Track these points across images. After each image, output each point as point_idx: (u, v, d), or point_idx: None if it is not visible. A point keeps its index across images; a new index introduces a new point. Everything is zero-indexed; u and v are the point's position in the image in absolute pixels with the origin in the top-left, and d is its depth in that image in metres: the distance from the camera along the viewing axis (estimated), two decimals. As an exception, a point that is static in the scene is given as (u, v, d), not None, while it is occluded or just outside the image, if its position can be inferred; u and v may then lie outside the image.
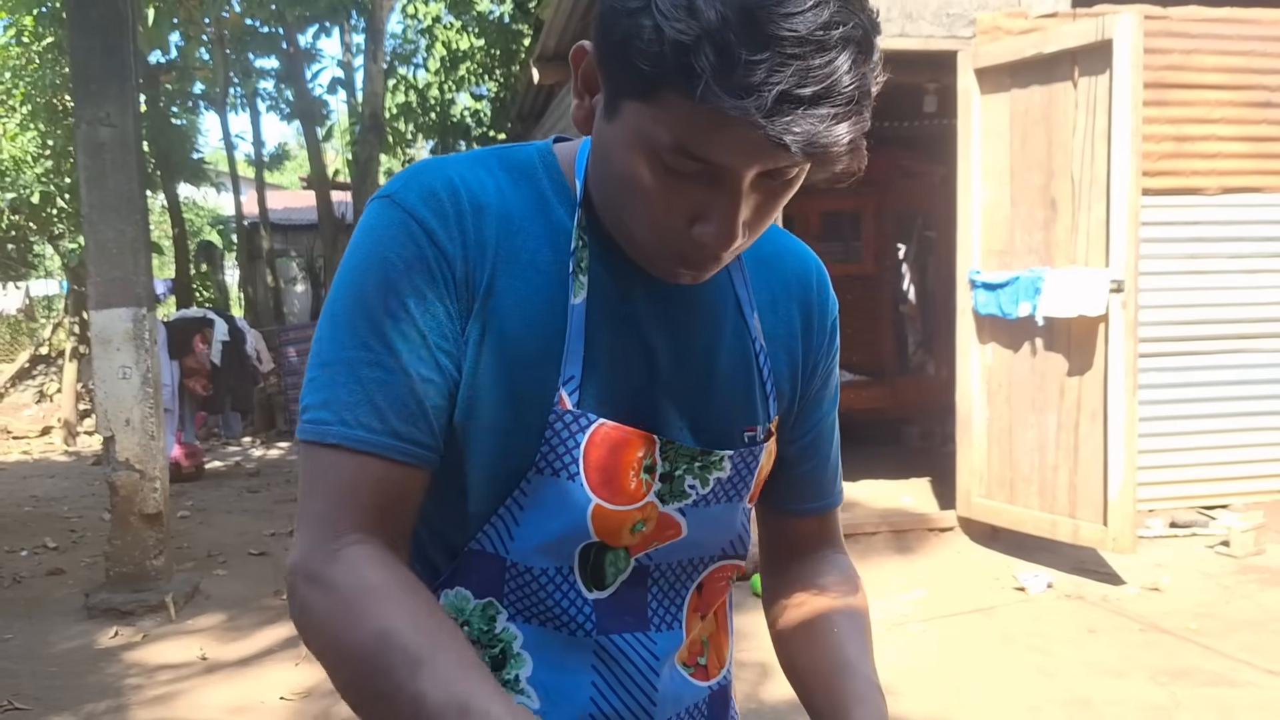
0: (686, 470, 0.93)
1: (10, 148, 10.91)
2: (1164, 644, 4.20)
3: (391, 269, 0.85)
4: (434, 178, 0.88)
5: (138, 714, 3.72)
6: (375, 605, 0.80)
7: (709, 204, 0.80)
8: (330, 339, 0.86)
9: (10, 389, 14.44)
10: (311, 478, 0.85)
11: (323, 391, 0.85)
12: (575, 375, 0.88)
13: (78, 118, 4.92)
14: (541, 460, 0.88)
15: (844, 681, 0.97)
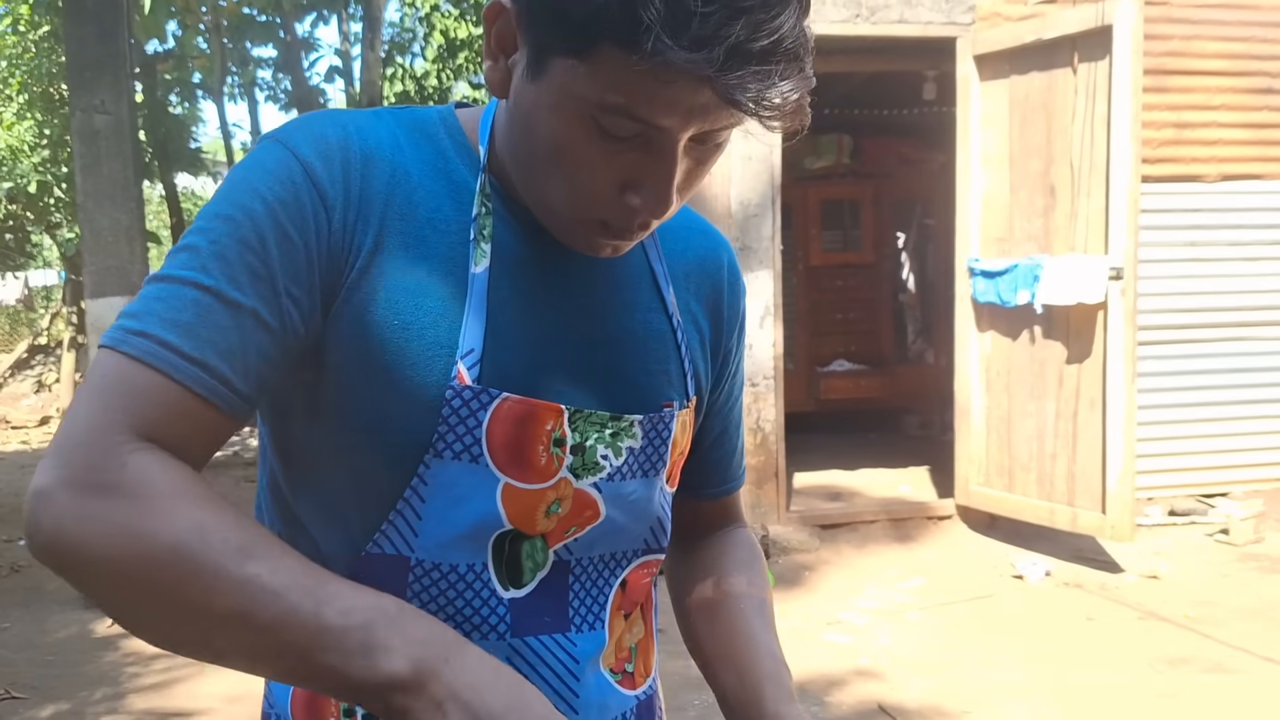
0: (598, 439, 0.87)
1: (7, 137, 10.88)
2: (1162, 632, 4.20)
3: (258, 201, 0.77)
4: (327, 124, 0.82)
5: (134, 702, 3.72)
6: (186, 504, 0.70)
7: (643, 169, 0.76)
8: (172, 257, 0.77)
9: (9, 379, 14.44)
10: (97, 387, 0.73)
11: (142, 303, 0.75)
12: (475, 348, 0.82)
13: (72, 105, 4.90)
14: (440, 441, 0.81)
15: (752, 659, 0.95)
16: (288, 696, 0.90)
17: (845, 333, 8.72)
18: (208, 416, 0.75)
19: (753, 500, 5.53)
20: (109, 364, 0.73)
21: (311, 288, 0.79)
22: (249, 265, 0.76)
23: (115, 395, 0.72)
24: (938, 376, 8.19)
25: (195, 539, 0.68)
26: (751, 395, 5.52)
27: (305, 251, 0.78)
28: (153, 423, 0.72)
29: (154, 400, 0.73)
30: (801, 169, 8.39)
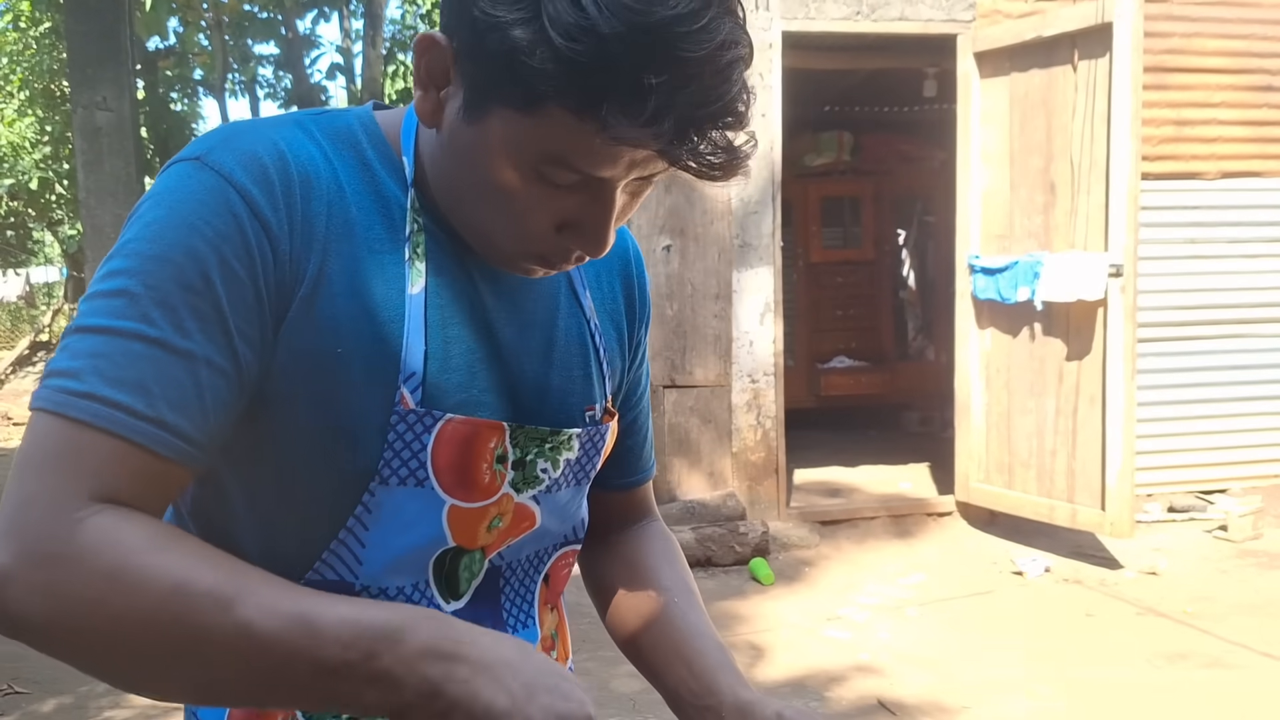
0: (538, 454, 0.88)
1: (8, 133, 10.90)
2: (1161, 627, 4.21)
3: (198, 237, 0.72)
4: (255, 141, 0.77)
5: (137, 698, 3.73)
6: (156, 561, 0.66)
7: (581, 212, 0.77)
8: (103, 304, 0.71)
9: (11, 375, 14.46)
10: (43, 456, 0.68)
11: (81, 360, 0.70)
12: (417, 372, 0.80)
13: (74, 102, 4.92)
14: (385, 468, 0.80)
15: (699, 650, 0.96)
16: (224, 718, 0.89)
17: (846, 329, 8.73)
18: (169, 474, 0.72)
19: (752, 496, 5.55)
20: (51, 429, 0.69)
21: (263, 323, 0.75)
22: (196, 309, 0.71)
23: (65, 462, 0.68)
24: (938, 373, 8.20)
25: (176, 597, 0.66)
26: (752, 391, 5.53)
27: (253, 286, 0.74)
28: (108, 486, 0.68)
29: (109, 465, 0.69)
30: (802, 166, 8.40)
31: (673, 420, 5.47)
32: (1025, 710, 3.46)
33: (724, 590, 4.79)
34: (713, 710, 0.92)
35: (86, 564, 0.66)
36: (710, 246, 5.44)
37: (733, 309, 5.48)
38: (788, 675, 3.79)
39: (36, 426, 0.70)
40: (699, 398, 5.49)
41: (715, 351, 5.49)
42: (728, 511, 5.38)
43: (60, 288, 15.41)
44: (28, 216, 12.30)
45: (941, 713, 3.46)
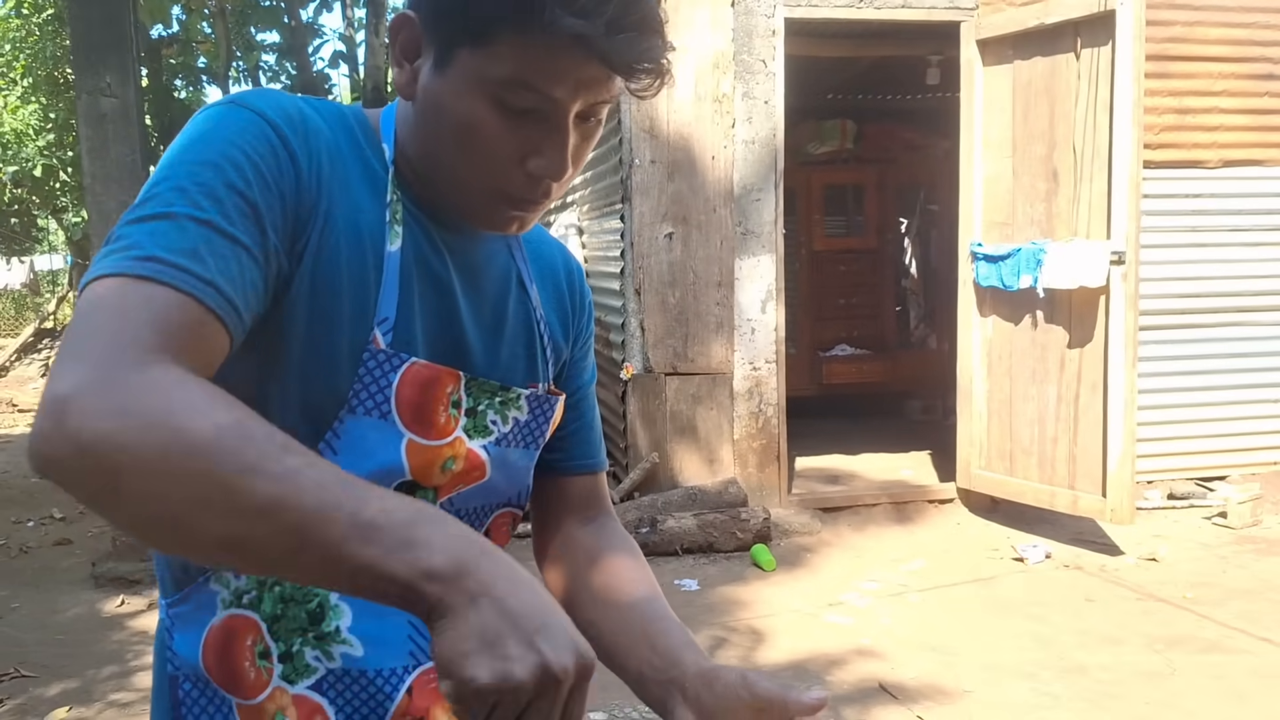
0: (489, 406, 0.98)
1: (12, 121, 10.90)
2: (1160, 612, 4.24)
3: (236, 150, 0.82)
4: (277, 96, 0.89)
5: (141, 680, 3.76)
6: (221, 403, 0.70)
7: (540, 138, 0.88)
8: (152, 202, 0.79)
9: (16, 363, 14.49)
10: (110, 307, 0.72)
11: (139, 236, 0.76)
12: (389, 317, 0.91)
13: (78, 88, 4.92)
14: (354, 398, 0.89)
15: (663, 630, 0.99)
16: (197, 651, 0.94)
17: (848, 317, 8.73)
18: (220, 337, 0.77)
19: (754, 483, 5.57)
20: (116, 285, 0.73)
21: (288, 233, 0.85)
22: (237, 205, 0.80)
23: (131, 310, 0.72)
24: (940, 361, 8.21)
25: (235, 430, 0.68)
26: (754, 379, 5.55)
27: (281, 200, 0.84)
28: (172, 336, 0.72)
29: (173, 315, 0.73)
30: (805, 154, 8.40)
31: (675, 407, 5.49)
32: (1026, 694, 3.49)
33: (725, 576, 4.81)
34: (675, 681, 0.94)
35: (155, 393, 0.68)
36: (712, 234, 5.45)
37: (735, 296, 5.49)
38: (789, 659, 3.82)
39: (97, 289, 0.73)
40: (701, 385, 5.51)
41: (717, 339, 5.51)
42: (729, 498, 5.40)
43: (65, 275, 15.42)
44: (32, 204, 12.31)
45: (942, 696, 3.48)
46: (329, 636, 0.93)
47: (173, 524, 0.69)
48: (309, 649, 0.94)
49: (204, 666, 0.94)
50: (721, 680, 0.91)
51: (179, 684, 0.95)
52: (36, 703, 3.57)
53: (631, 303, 5.47)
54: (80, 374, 0.68)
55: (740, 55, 5.41)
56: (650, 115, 5.36)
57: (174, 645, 0.96)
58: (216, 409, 0.69)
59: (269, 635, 0.93)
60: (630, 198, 5.42)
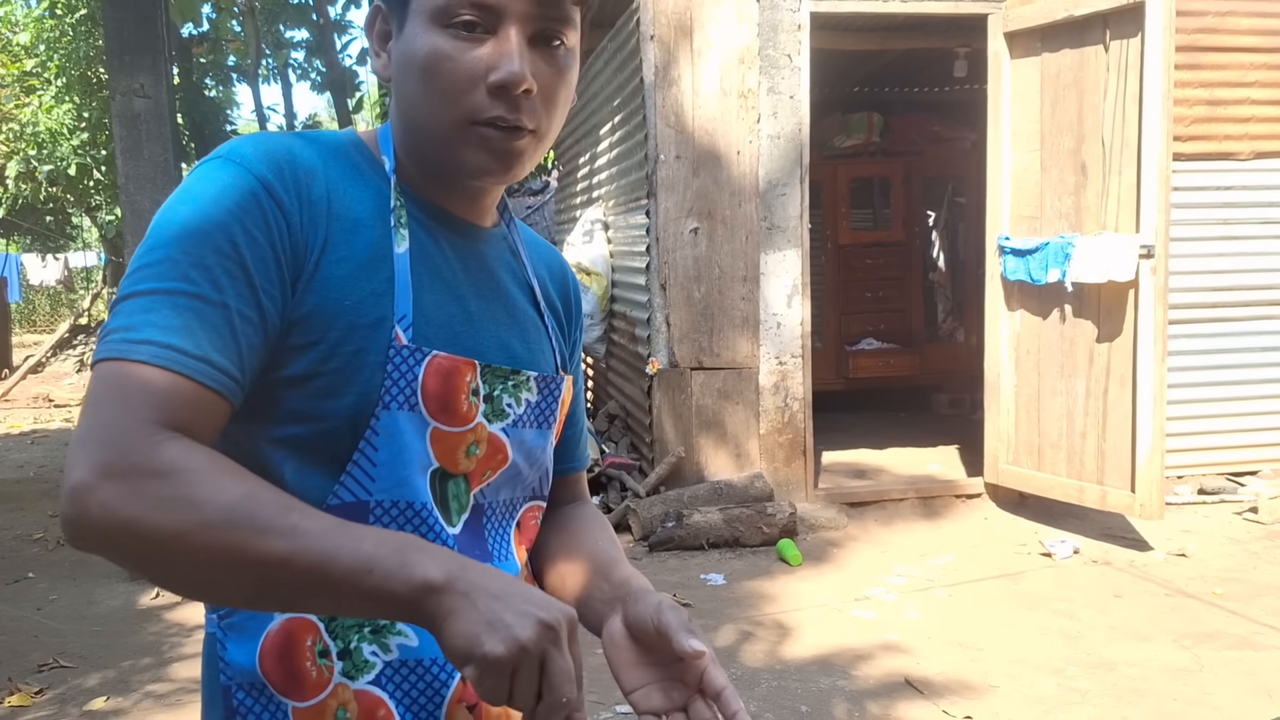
0: (503, 390, 1.04)
1: (46, 120, 11.03)
2: (1189, 608, 4.21)
3: (223, 211, 0.88)
4: (267, 143, 0.94)
5: (177, 671, 3.83)
6: (228, 475, 0.80)
7: (495, 51, 0.93)
8: (145, 272, 0.85)
9: (51, 358, 14.71)
10: (111, 392, 0.81)
11: (133, 316, 0.83)
12: (407, 314, 0.96)
13: (112, 89, 4.99)
14: (386, 395, 0.95)
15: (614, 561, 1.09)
16: (254, 658, 0.97)
17: (875, 311, 8.70)
18: (217, 406, 0.85)
19: (780, 477, 5.57)
20: (117, 371, 0.81)
21: (282, 282, 0.90)
22: (226, 269, 0.86)
23: (133, 395, 0.80)
24: (968, 355, 8.17)
25: (245, 500, 0.78)
26: (779, 373, 5.55)
27: (273, 252, 0.89)
28: (170, 415, 0.81)
29: (169, 396, 0.81)
30: (831, 147, 8.38)
31: (700, 401, 5.51)
32: (1053, 690, 3.48)
33: (752, 570, 4.83)
34: (619, 599, 1.01)
35: (166, 475, 0.78)
36: (738, 229, 5.46)
37: (760, 291, 5.50)
38: (814, 654, 3.83)
39: (102, 373, 0.82)
40: (726, 379, 5.52)
41: (743, 333, 5.52)
42: (755, 492, 5.41)
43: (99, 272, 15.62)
44: (66, 202, 12.46)
45: (969, 691, 3.49)
46: (385, 629, 0.98)
47: (203, 585, 0.83)
48: (366, 644, 0.97)
49: (262, 672, 0.97)
50: (644, 602, 0.97)
51: (233, 694, 0.98)
52: (75, 693, 3.64)
53: (657, 297, 5.49)
54: (93, 462, 0.77)
55: (765, 50, 5.41)
56: (675, 111, 5.37)
57: (227, 656, 0.98)
58: (225, 482, 0.79)
59: (327, 634, 0.97)
60: (656, 193, 5.43)
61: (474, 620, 0.78)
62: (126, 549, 0.78)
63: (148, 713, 3.49)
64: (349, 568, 0.79)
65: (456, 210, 1.04)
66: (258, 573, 0.79)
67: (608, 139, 6.54)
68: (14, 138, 11.23)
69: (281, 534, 0.78)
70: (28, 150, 11.00)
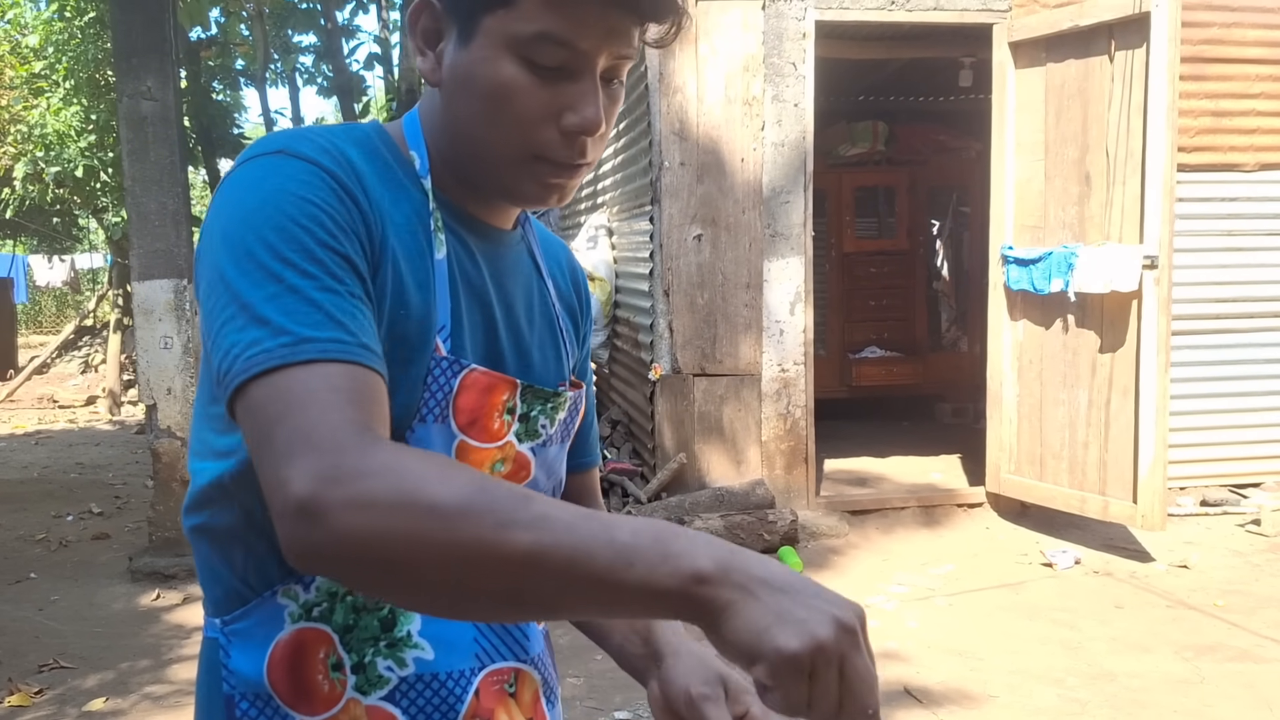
0: (540, 411, 1.00)
1: (54, 122, 11.06)
2: (1191, 620, 4.20)
3: (312, 206, 0.83)
4: (318, 137, 0.89)
5: (176, 673, 3.84)
6: (450, 470, 0.73)
7: (574, 94, 0.89)
8: (255, 276, 0.79)
9: (57, 359, 14.74)
10: (298, 400, 0.74)
11: (270, 322, 0.77)
12: (446, 324, 0.93)
13: (119, 91, 5.01)
14: (423, 406, 0.91)
15: None
16: (261, 668, 0.92)
17: (878, 319, 8.70)
18: (383, 388, 0.80)
19: (782, 485, 5.57)
20: (289, 379, 0.75)
21: (370, 276, 0.87)
22: (337, 261, 0.82)
23: (320, 395, 0.74)
24: (971, 364, 8.17)
25: (479, 494, 0.70)
26: (782, 380, 5.55)
27: (359, 245, 0.86)
28: (363, 406, 0.76)
29: (352, 387, 0.76)
30: (836, 156, 8.39)
31: (703, 408, 5.51)
32: (1053, 700, 3.48)
33: (753, 577, 4.82)
34: (652, 659, 1.02)
35: (388, 476, 0.71)
36: (741, 236, 5.46)
37: (763, 298, 5.50)
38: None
39: (274, 385, 0.75)
40: (729, 386, 5.52)
41: (746, 340, 5.52)
42: (757, 499, 5.41)
43: (105, 274, 15.66)
44: (73, 203, 12.50)
45: (968, 701, 3.48)
46: (400, 642, 0.94)
47: (451, 593, 0.72)
48: (381, 659, 0.94)
49: (269, 683, 0.92)
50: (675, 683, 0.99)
51: (236, 703, 0.93)
52: (75, 693, 3.65)
53: (660, 304, 5.50)
54: (310, 471, 0.71)
55: (770, 58, 5.42)
56: (680, 118, 5.38)
57: (231, 663, 0.94)
58: (450, 476, 0.72)
59: (341, 646, 0.93)
60: (660, 199, 5.44)
61: (760, 614, 0.68)
62: (368, 564, 0.71)
63: (146, 714, 3.49)
64: (608, 562, 0.69)
65: (483, 215, 1.01)
66: (507, 573, 0.70)
67: (612, 145, 6.55)
68: (22, 139, 11.26)
69: (527, 526, 0.69)
70: (35, 152, 11.02)
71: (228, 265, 0.81)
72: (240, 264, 0.80)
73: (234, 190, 0.85)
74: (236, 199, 0.84)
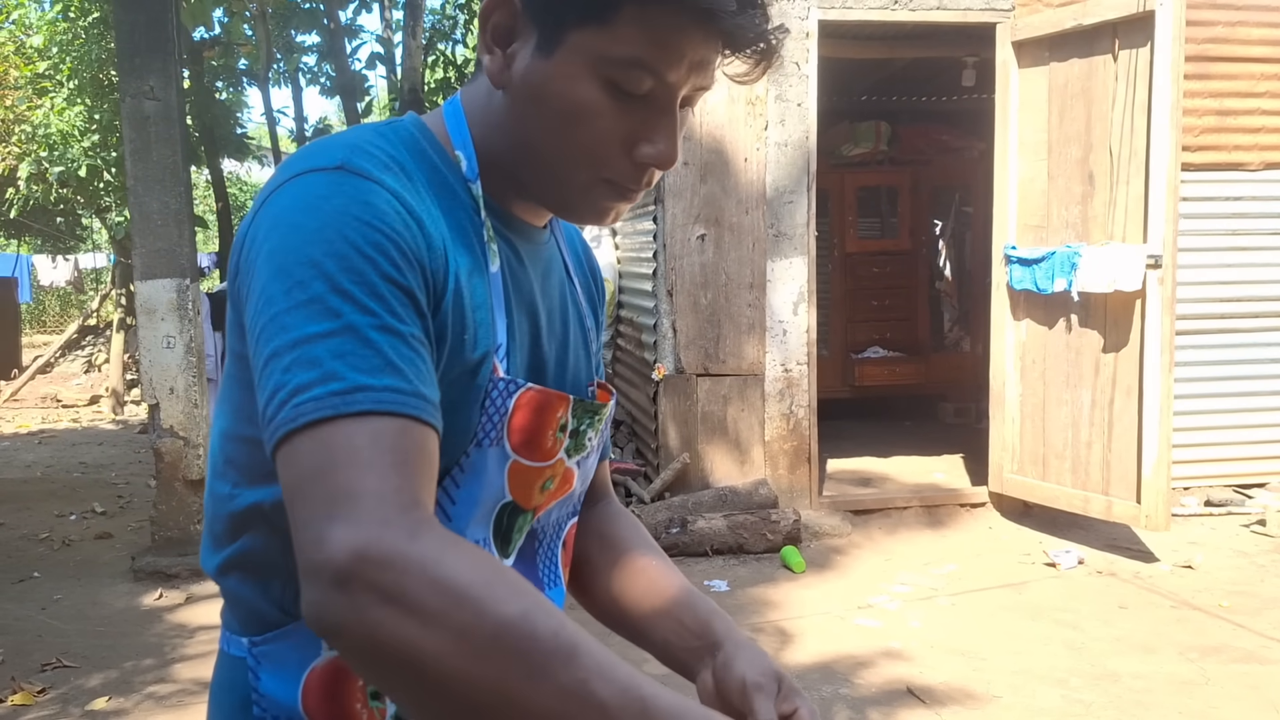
0: (588, 425, 0.97)
1: (58, 122, 11.07)
2: (1195, 621, 4.19)
3: (377, 233, 0.77)
4: (374, 149, 0.83)
5: (180, 672, 3.83)
6: (500, 586, 0.68)
7: (653, 124, 0.85)
8: (311, 309, 0.74)
9: (60, 359, 14.76)
10: (344, 454, 0.69)
11: (325, 365, 0.72)
12: (503, 343, 0.88)
13: (122, 91, 5.01)
14: (480, 430, 0.87)
15: (689, 604, 1.03)
16: (295, 693, 0.89)
17: (881, 319, 8.69)
18: (434, 441, 0.75)
19: (785, 484, 5.57)
20: (338, 430, 0.70)
21: (432, 306, 0.82)
22: (398, 297, 0.77)
23: (368, 452, 0.70)
24: (974, 364, 8.16)
25: (522, 627, 0.66)
26: (785, 380, 5.55)
27: (423, 274, 0.80)
28: (413, 469, 0.71)
29: (404, 444, 0.71)
30: (839, 155, 8.38)
31: (706, 408, 5.50)
32: (1056, 701, 3.47)
33: (755, 577, 4.82)
34: (707, 649, 0.99)
35: (429, 573, 0.66)
36: (745, 236, 5.46)
37: (766, 298, 5.50)
38: (817, 661, 3.81)
39: (321, 438, 0.70)
40: (732, 386, 5.52)
41: (749, 340, 5.51)
42: (760, 499, 5.40)
43: (108, 273, 15.67)
44: (77, 203, 12.51)
45: (971, 701, 3.47)
46: None
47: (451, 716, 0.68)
48: None
49: (304, 710, 0.88)
50: (732, 675, 0.96)
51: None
52: (77, 693, 3.65)
53: (664, 304, 5.49)
54: (350, 540, 0.66)
55: (774, 57, 5.41)
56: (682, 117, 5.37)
57: (261, 687, 0.90)
58: (500, 595, 0.67)
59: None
60: (663, 199, 5.44)
61: None
62: (379, 659, 0.66)
63: (149, 713, 3.49)
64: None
65: (524, 214, 0.95)
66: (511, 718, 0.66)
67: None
68: (26, 139, 11.28)
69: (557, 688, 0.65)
70: (40, 152, 11.04)
71: (279, 293, 0.75)
72: (292, 293, 0.75)
73: (289, 208, 0.79)
74: (291, 220, 0.78)
